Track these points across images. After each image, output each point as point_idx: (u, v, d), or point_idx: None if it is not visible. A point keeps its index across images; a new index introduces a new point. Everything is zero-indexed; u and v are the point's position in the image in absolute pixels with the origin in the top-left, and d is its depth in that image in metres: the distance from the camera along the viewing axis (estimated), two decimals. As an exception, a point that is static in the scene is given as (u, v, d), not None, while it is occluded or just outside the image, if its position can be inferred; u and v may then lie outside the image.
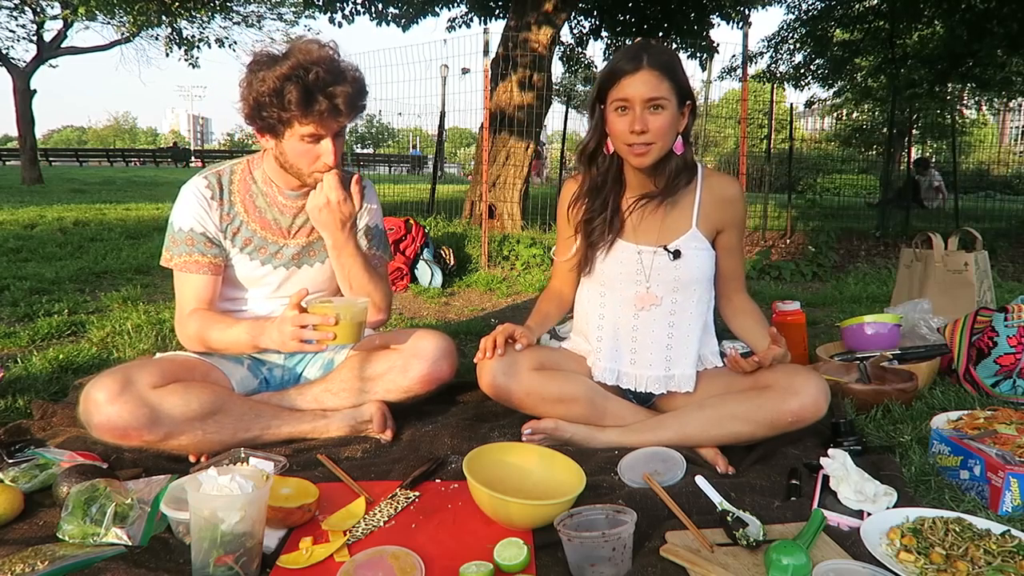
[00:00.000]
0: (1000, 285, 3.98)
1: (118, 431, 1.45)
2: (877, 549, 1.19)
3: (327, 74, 1.50)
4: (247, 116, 1.57)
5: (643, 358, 1.68)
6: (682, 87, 1.53)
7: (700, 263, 1.66)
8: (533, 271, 4.65)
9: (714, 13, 7.85)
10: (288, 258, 1.76)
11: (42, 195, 9.96)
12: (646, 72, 1.49)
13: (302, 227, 1.76)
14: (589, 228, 1.69)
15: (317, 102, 1.49)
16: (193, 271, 1.67)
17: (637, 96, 1.50)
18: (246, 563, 1.09)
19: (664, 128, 1.52)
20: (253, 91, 1.51)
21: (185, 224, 1.66)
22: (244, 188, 1.72)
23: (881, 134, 9.84)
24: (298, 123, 1.53)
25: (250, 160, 1.76)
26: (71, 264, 4.32)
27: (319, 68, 1.49)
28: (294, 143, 1.57)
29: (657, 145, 1.54)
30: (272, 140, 1.60)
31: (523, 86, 5.83)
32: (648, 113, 1.51)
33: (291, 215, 1.75)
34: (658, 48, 1.54)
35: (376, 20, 7.66)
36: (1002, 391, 2.09)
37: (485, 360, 1.65)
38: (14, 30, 12.86)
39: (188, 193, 1.68)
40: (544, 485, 1.40)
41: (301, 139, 1.55)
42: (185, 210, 1.67)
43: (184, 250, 1.66)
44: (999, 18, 7.05)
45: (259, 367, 1.80)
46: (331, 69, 1.51)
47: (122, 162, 28.43)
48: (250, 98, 1.53)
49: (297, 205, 1.74)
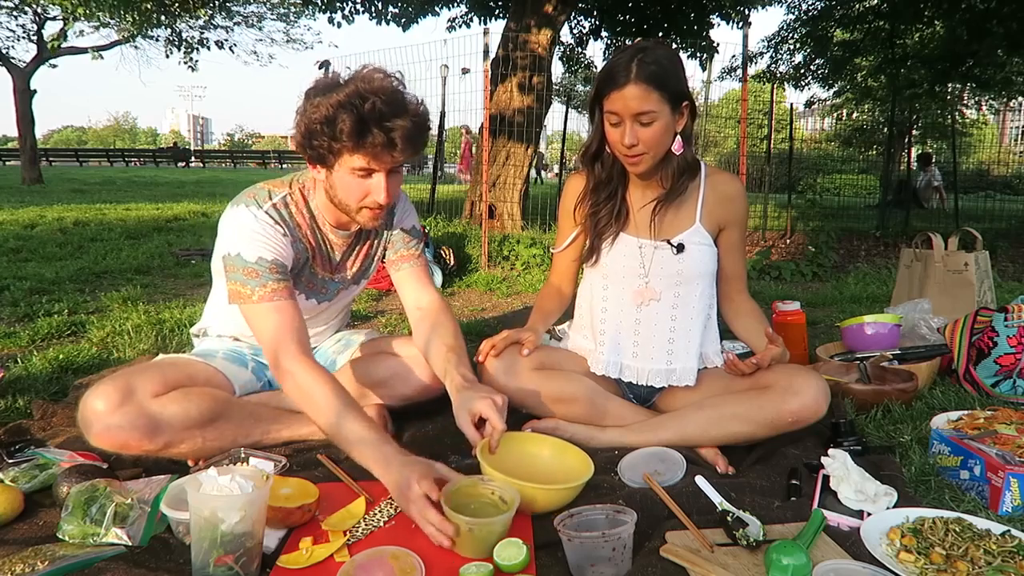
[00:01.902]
0: (1000, 285, 3.98)
1: (118, 442, 1.41)
2: (877, 549, 1.19)
3: (385, 105, 1.37)
4: (298, 144, 1.46)
5: (645, 351, 1.69)
6: (675, 92, 1.50)
7: (703, 258, 1.66)
8: (533, 271, 4.65)
9: (714, 13, 7.84)
10: (331, 292, 1.73)
11: (42, 195, 9.97)
12: (633, 86, 1.46)
13: (346, 261, 1.72)
14: (596, 219, 1.70)
15: (371, 134, 1.37)
16: (276, 299, 1.48)
17: (626, 111, 1.49)
18: (246, 563, 1.09)
19: (655, 139, 1.52)
20: (306, 118, 1.40)
21: (255, 254, 1.48)
22: (302, 219, 1.60)
23: (881, 134, 9.84)
24: (348, 154, 1.41)
25: (302, 189, 1.61)
26: (71, 264, 4.32)
27: (377, 98, 1.37)
28: (344, 175, 1.45)
29: (649, 154, 1.55)
30: (323, 171, 1.49)
31: (523, 87, 5.83)
32: (638, 126, 1.50)
33: (339, 251, 1.69)
34: (651, 54, 1.48)
35: (376, 20, 7.65)
36: (1002, 391, 2.09)
37: (485, 360, 1.66)
38: (14, 29, 12.87)
39: (250, 222, 1.50)
40: (554, 472, 1.44)
41: (352, 172, 1.44)
42: (252, 239, 1.49)
43: (261, 281, 1.48)
44: (999, 18, 7.05)
45: (263, 370, 1.79)
46: (391, 100, 1.39)
47: (122, 162, 28.45)
48: (302, 125, 1.42)
49: (345, 241, 1.68)
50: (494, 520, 1.18)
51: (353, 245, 1.72)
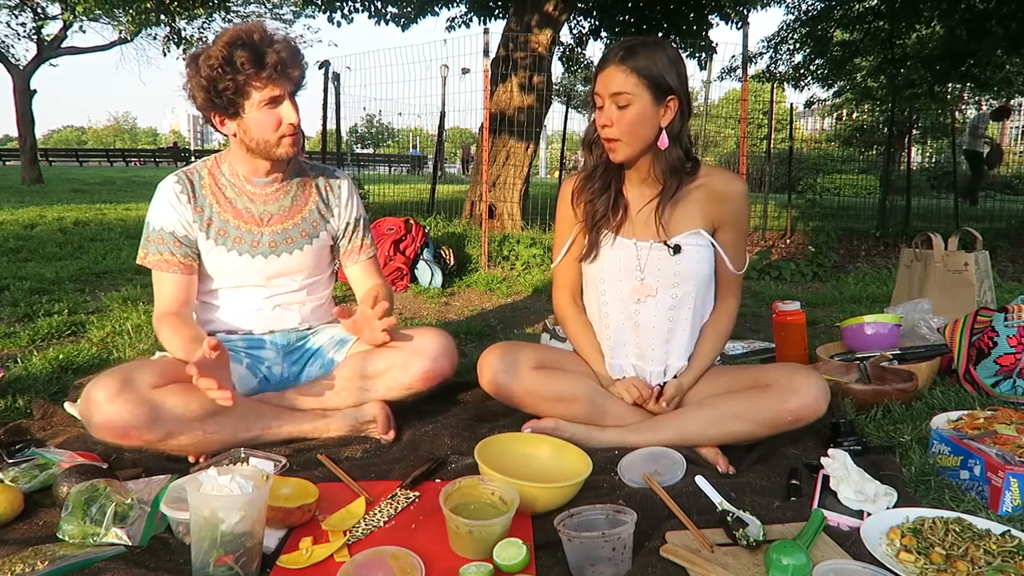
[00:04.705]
0: (1000, 285, 3.97)
1: (118, 430, 1.45)
2: (877, 549, 1.19)
3: (266, 33, 1.58)
4: (203, 104, 1.61)
5: (646, 353, 1.69)
6: (658, 82, 1.51)
7: (700, 258, 1.65)
8: (533, 271, 4.65)
9: (713, 13, 7.84)
10: (266, 246, 1.77)
11: (42, 195, 9.96)
12: (613, 68, 1.52)
13: (275, 215, 1.78)
14: (593, 209, 1.69)
15: (267, 56, 1.55)
16: (164, 270, 1.70)
17: (604, 91, 1.54)
18: (246, 563, 1.09)
19: (629, 124, 1.53)
20: (202, 73, 1.55)
21: (157, 223, 1.70)
22: (213, 181, 1.76)
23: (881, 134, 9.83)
24: (254, 87, 1.57)
25: (217, 156, 1.81)
26: (71, 264, 4.32)
27: (257, 31, 1.57)
28: (254, 114, 1.60)
29: (623, 142, 1.55)
30: (233, 122, 1.64)
31: (523, 86, 5.83)
32: (615, 109, 1.53)
33: (262, 203, 1.77)
34: (642, 44, 1.52)
35: (375, 19, 7.66)
36: (1002, 391, 2.09)
37: (486, 358, 1.67)
38: (15, 29, 12.86)
39: (161, 192, 1.72)
40: (553, 472, 1.44)
41: (261, 107, 1.59)
42: (158, 209, 1.71)
43: (156, 248, 1.70)
44: (999, 18, 7.05)
45: (258, 366, 1.80)
46: (267, 30, 1.60)
47: (122, 162, 28.42)
48: (201, 81, 1.56)
49: (267, 192, 1.78)
50: (494, 522, 1.18)
51: (281, 200, 1.79)
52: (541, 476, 1.40)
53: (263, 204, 1.78)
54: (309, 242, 1.82)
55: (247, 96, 1.58)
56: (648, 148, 1.59)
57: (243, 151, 1.71)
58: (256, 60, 1.54)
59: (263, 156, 1.69)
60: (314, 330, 1.91)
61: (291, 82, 1.61)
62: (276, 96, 1.60)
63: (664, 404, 1.64)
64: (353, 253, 1.91)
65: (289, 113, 1.62)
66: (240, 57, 1.53)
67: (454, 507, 1.23)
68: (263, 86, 1.57)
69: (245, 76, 1.55)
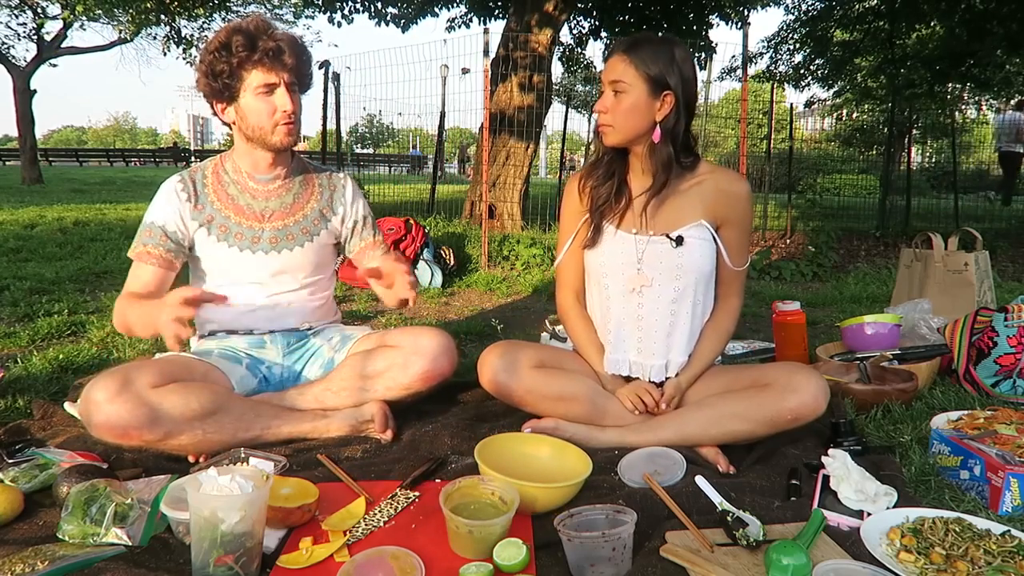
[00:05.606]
0: (1000, 285, 3.97)
1: (118, 430, 1.45)
2: (877, 549, 1.19)
3: (264, 23, 1.66)
4: (203, 89, 1.68)
5: (648, 347, 1.69)
6: (656, 76, 1.56)
7: (702, 252, 1.66)
8: (533, 271, 4.65)
9: (713, 13, 7.84)
10: (266, 242, 1.78)
11: (42, 195, 9.96)
12: (617, 57, 1.58)
13: (277, 211, 1.81)
14: (596, 195, 1.71)
15: (262, 41, 1.61)
16: (144, 261, 1.73)
17: (606, 78, 1.60)
18: (246, 563, 1.09)
19: (622, 111, 1.58)
20: (204, 59, 1.64)
21: (150, 218, 1.75)
22: (216, 179, 1.80)
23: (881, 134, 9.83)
24: (248, 71, 1.62)
25: (222, 155, 1.85)
26: (71, 264, 4.32)
27: (257, 21, 1.65)
28: (250, 100, 1.65)
29: (614, 128, 1.60)
30: (231, 108, 1.68)
31: (523, 86, 5.83)
32: (611, 95, 1.59)
33: (263, 199, 1.80)
34: (651, 39, 1.58)
35: (375, 20, 7.65)
36: (1002, 391, 2.09)
37: (486, 357, 1.67)
38: (15, 29, 12.86)
39: (162, 189, 1.77)
40: (553, 471, 1.45)
41: (256, 93, 1.64)
42: (155, 205, 1.76)
43: (142, 241, 1.74)
44: (999, 18, 7.05)
45: (258, 365, 1.80)
46: (267, 21, 1.67)
47: (122, 162, 28.41)
48: (203, 67, 1.65)
49: (269, 189, 1.80)
50: (494, 522, 1.18)
51: (283, 196, 1.82)
52: (541, 476, 1.40)
53: (265, 200, 1.80)
54: (310, 239, 1.83)
55: (240, 80, 1.63)
56: (641, 138, 1.61)
57: (244, 142, 1.74)
58: (250, 44, 1.61)
59: (261, 145, 1.72)
60: (315, 330, 1.91)
61: (286, 70, 1.64)
62: (271, 83, 1.64)
63: (664, 404, 1.64)
64: (368, 250, 1.93)
65: (284, 101, 1.65)
66: (236, 42, 1.60)
67: (454, 507, 1.23)
68: (255, 69, 1.62)
69: (239, 59, 1.60)
